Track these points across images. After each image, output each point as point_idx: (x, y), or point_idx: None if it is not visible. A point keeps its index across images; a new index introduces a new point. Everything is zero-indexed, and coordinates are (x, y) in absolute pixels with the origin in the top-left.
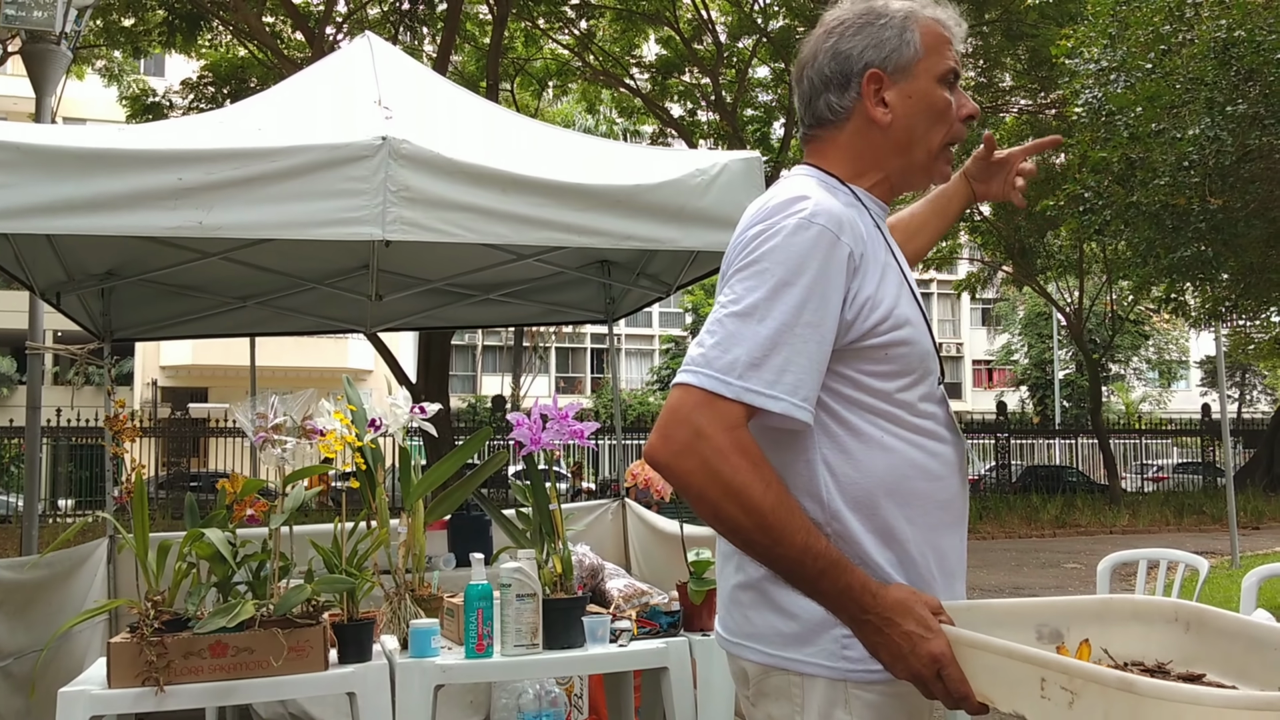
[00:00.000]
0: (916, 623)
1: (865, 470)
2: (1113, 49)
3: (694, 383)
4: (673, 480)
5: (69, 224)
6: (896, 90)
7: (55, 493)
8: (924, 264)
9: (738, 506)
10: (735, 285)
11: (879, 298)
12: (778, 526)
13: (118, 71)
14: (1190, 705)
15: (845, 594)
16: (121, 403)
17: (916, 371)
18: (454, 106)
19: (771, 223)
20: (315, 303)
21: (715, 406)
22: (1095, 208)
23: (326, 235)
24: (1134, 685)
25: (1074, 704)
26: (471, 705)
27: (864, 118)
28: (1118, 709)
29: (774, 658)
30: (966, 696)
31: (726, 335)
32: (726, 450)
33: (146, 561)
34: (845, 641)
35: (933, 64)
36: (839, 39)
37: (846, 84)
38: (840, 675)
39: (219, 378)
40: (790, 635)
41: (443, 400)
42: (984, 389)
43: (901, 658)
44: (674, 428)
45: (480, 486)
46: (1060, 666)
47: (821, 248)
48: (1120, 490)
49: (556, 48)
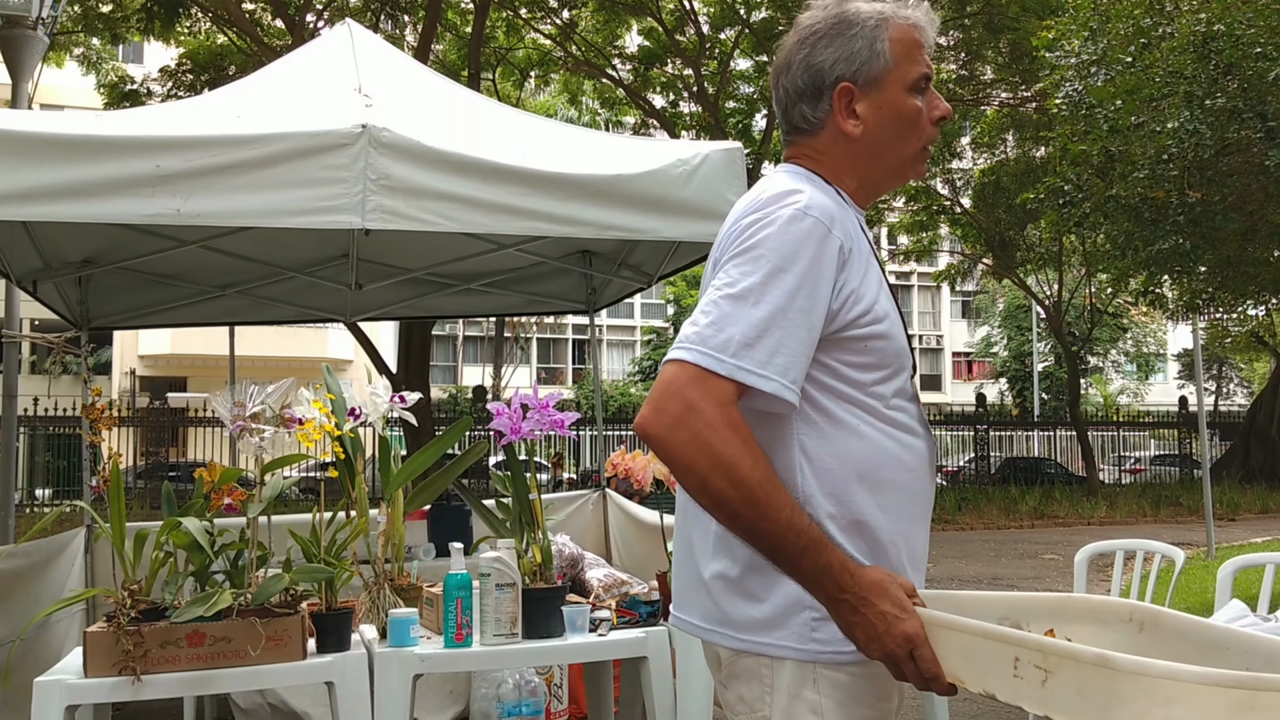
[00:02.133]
0: (892, 603)
1: (841, 456)
2: (1093, 42)
3: (688, 359)
4: (663, 452)
5: (45, 211)
6: (867, 101)
7: (32, 482)
8: (904, 255)
9: (726, 479)
10: (730, 270)
11: (862, 291)
12: (764, 501)
13: (96, 59)
14: (1165, 680)
15: (825, 572)
16: (98, 391)
17: (892, 366)
18: (435, 95)
19: (767, 212)
20: (295, 292)
21: (708, 382)
22: (1075, 200)
23: (306, 223)
24: (1110, 661)
25: (1047, 682)
26: (451, 695)
27: (836, 129)
28: (1093, 685)
29: (745, 642)
30: (937, 677)
31: (721, 315)
32: (718, 424)
33: (123, 550)
34: (814, 624)
35: (903, 73)
36: (811, 50)
37: (819, 96)
38: (809, 657)
39: (198, 367)
40: (760, 620)
41: (423, 390)
42: (963, 381)
43: (876, 637)
44: (667, 400)
45: (460, 476)
46: (1036, 645)
47: (815, 238)
48: (1098, 482)
49: (538, 38)
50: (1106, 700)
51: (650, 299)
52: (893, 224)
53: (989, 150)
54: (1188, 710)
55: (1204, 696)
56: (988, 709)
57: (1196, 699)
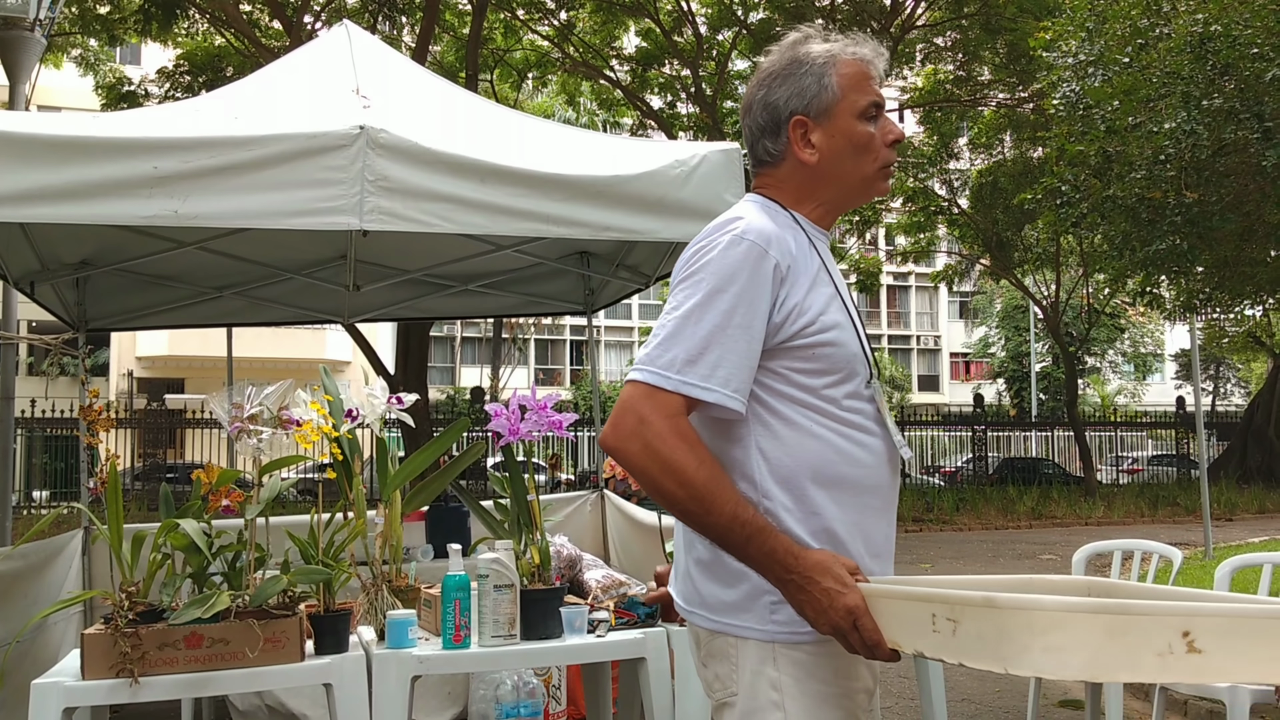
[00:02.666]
0: (834, 580)
1: (794, 455)
2: (1090, 42)
3: (640, 378)
4: (621, 460)
5: (43, 212)
6: (821, 131)
7: (29, 484)
8: (902, 256)
9: (674, 481)
10: (677, 294)
11: (806, 305)
12: (708, 498)
13: (93, 60)
14: (1039, 612)
15: (771, 557)
16: (96, 392)
17: (843, 371)
18: (433, 96)
19: (709, 240)
20: (292, 293)
21: (656, 397)
22: (1072, 201)
23: (303, 225)
24: (994, 600)
25: (957, 630)
26: (449, 697)
27: (795, 159)
28: (988, 626)
29: (716, 623)
30: (878, 644)
31: (667, 336)
32: (665, 434)
33: (121, 552)
34: (773, 607)
35: (852, 102)
36: (768, 90)
37: (778, 131)
38: (768, 637)
39: (195, 369)
40: (730, 604)
41: (421, 392)
42: (961, 381)
43: (822, 612)
44: (621, 416)
45: (458, 478)
46: (941, 599)
47: (751, 259)
48: (1096, 482)
49: (536, 39)
50: (998, 638)
51: (648, 300)
52: (890, 224)
53: (986, 151)
54: (1065, 637)
55: (1079, 624)
56: (986, 708)
57: (1069, 627)
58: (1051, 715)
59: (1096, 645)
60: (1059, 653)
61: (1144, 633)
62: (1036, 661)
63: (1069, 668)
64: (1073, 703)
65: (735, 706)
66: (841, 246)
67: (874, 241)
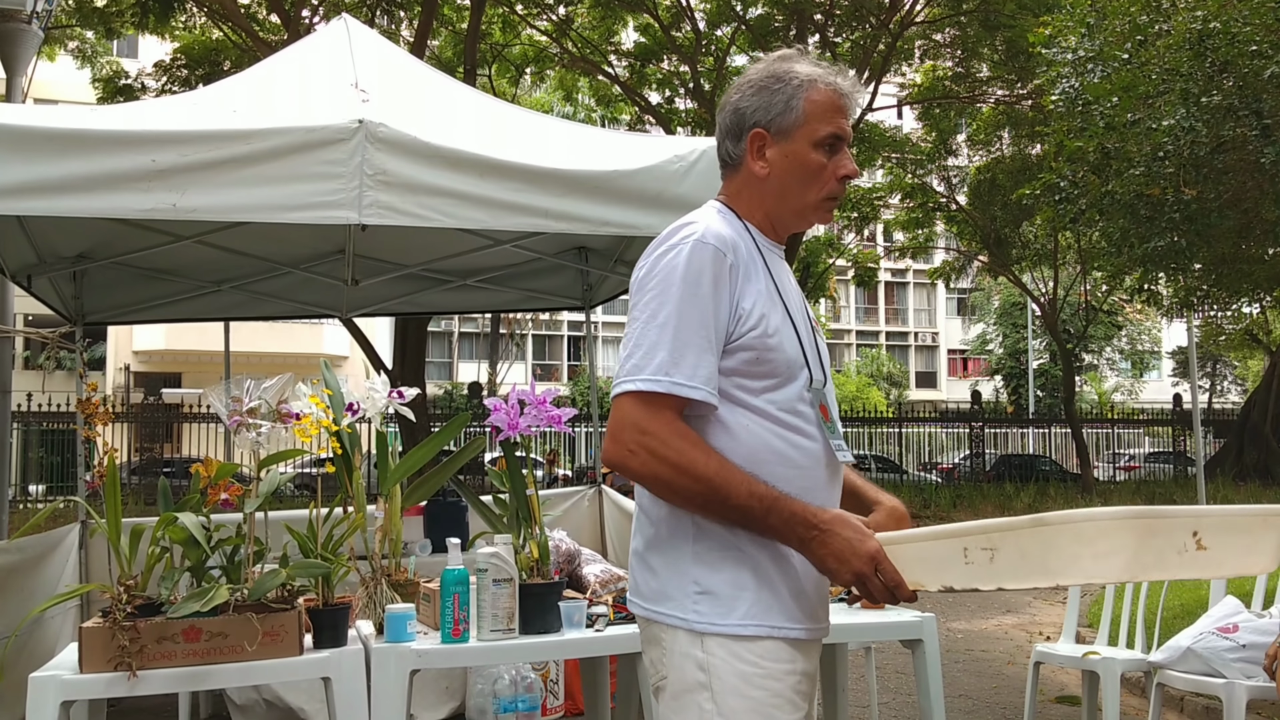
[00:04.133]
0: (853, 530)
1: (731, 452)
2: (1090, 38)
3: (631, 389)
4: (630, 474)
5: (40, 205)
6: (776, 149)
7: (26, 478)
8: (900, 252)
9: (689, 478)
10: (647, 303)
11: (749, 309)
12: (724, 486)
13: (90, 53)
14: (1087, 523)
15: (793, 519)
16: (94, 386)
17: (782, 375)
18: (431, 90)
19: (670, 245)
20: (290, 287)
21: (650, 405)
22: (1071, 197)
23: (302, 219)
24: (1043, 519)
25: (994, 558)
26: (447, 691)
27: (748, 168)
28: (1032, 545)
29: (648, 610)
30: (900, 584)
31: (650, 345)
32: (667, 438)
33: (119, 545)
34: (697, 598)
35: (813, 130)
36: (741, 96)
37: (739, 137)
38: (689, 626)
39: (193, 363)
40: (657, 591)
41: (419, 387)
42: (959, 378)
43: (844, 560)
44: (620, 431)
45: (457, 473)
46: (979, 529)
47: (714, 263)
48: (1093, 479)
49: (534, 34)
50: (1044, 553)
51: None
52: (889, 221)
53: (985, 147)
54: (1108, 544)
55: (1119, 531)
56: (983, 704)
57: (1114, 534)
58: (1048, 711)
59: (1135, 547)
60: (1106, 557)
61: (1169, 533)
62: (1086, 568)
63: (1113, 570)
64: (1069, 698)
65: (665, 689)
66: (840, 243)
67: (872, 237)
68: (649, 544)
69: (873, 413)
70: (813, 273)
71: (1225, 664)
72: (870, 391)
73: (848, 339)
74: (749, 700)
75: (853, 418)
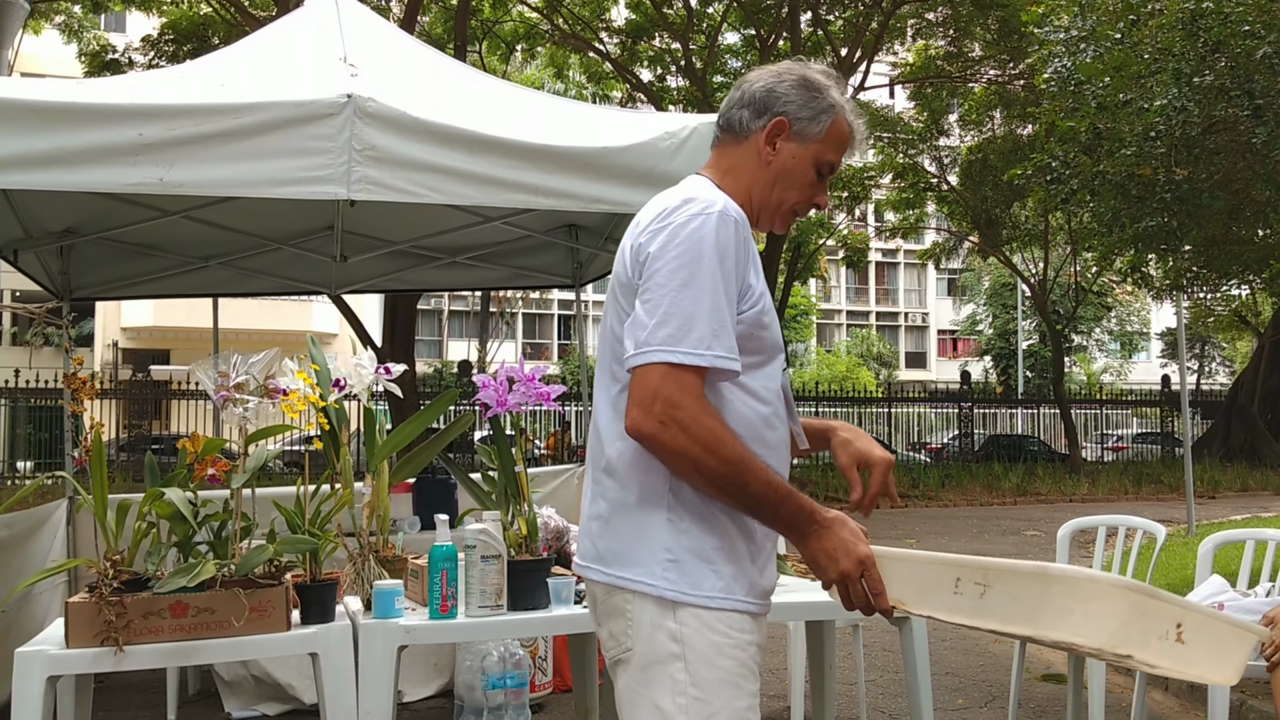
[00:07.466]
0: (851, 532)
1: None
2: (1082, 17)
3: (667, 360)
4: (656, 446)
5: (26, 179)
6: (790, 145)
7: (13, 455)
8: (891, 233)
9: (717, 459)
10: (679, 270)
11: (754, 285)
12: (747, 469)
13: (77, 27)
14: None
15: (800, 513)
16: (80, 360)
17: (767, 354)
18: (421, 65)
19: (693, 215)
20: (279, 263)
21: (681, 379)
22: (1062, 177)
23: (290, 194)
24: (1046, 570)
25: (985, 594)
26: (435, 668)
27: (755, 147)
28: (1028, 591)
29: (611, 577)
30: (881, 594)
31: (686, 315)
32: (699, 414)
33: (106, 521)
34: (667, 565)
35: (822, 150)
36: (779, 82)
37: (762, 113)
38: (658, 593)
39: (181, 340)
40: (625, 557)
41: (408, 364)
42: (948, 358)
43: (835, 558)
44: (651, 403)
45: (445, 450)
46: (979, 564)
47: (737, 237)
48: (1081, 459)
49: (525, 10)
50: (1037, 603)
51: None
52: (879, 201)
53: (976, 128)
54: (1101, 607)
55: (1115, 597)
56: (969, 682)
57: (1109, 599)
58: (1034, 689)
59: (1124, 618)
60: (1096, 619)
61: (1158, 616)
62: (1075, 624)
63: (1099, 635)
64: (1055, 677)
65: (630, 662)
66: (831, 223)
67: (863, 218)
68: (616, 507)
69: (862, 393)
70: (803, 253)
71: None
72: (860, 371)
73: (838, 319)
74: (719, 670)
75: (842, 397)
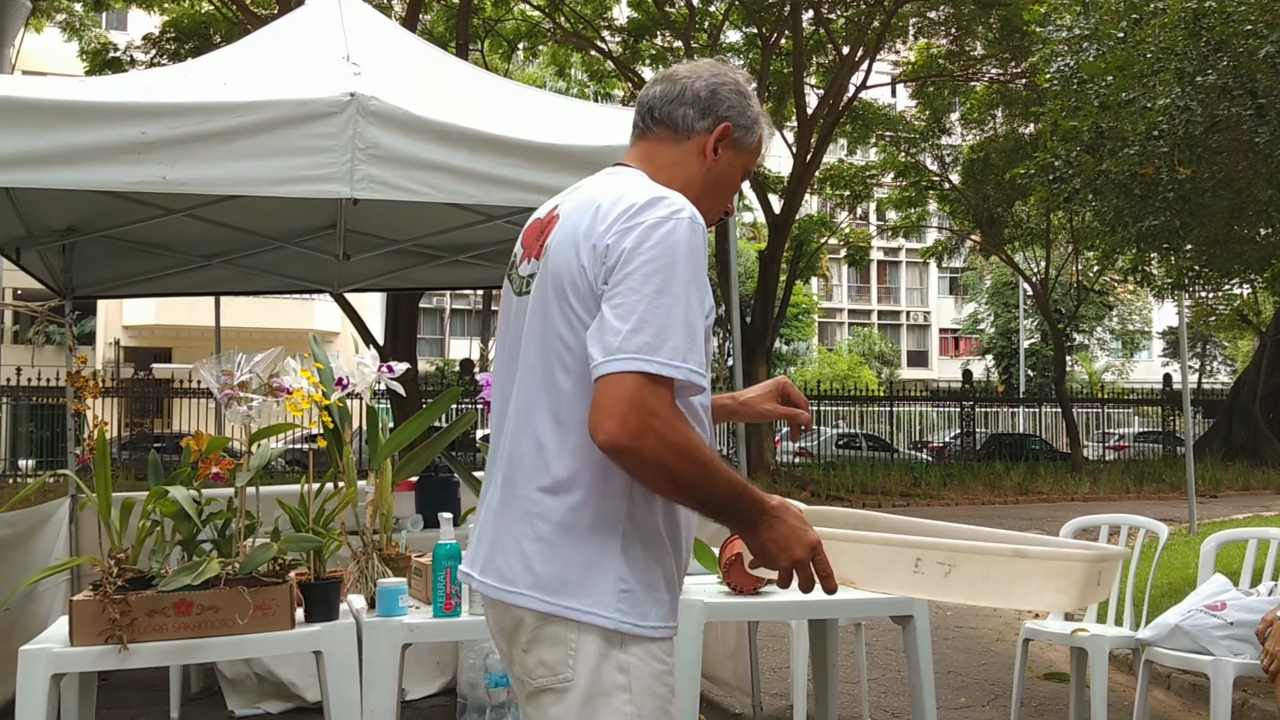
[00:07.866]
0: (797, 518)
1: None
2: (1085, 16)
3: (640, 369)
4: (632, 459)
5: (28, 177)
6: (728, 153)
7: (15, 453)
8: (892, 232)
9: (693, 465)
10: (652, 275)
11: (708, 300)
12: (715, 473)
13: (78, 25)
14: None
15: (753, 507)
16: (83, 359)
17: (707, 362)
18: (423, 64)
19: (662, 218)
20: (281, 262)
21: (655, 389)
22: (1065, 176)
23: (293, 192)
24: (1025, 551)
25: (950, 574)
26: (438, 666)
27: (699, 148)
28: (1000, 570)
29: (553, 605)
30: (829, 575)
31: (660, 324)
32: (673, 422)
33: (109, 518)
34: (621, 595)
35: (749, 161)
36: (721, 86)
37: (706, 115)
38: (614, 625)
39: (183, 338)
40: (576, 585)
41: (410, 363)
42: (950, 357)
43: (786, 547)
44: (627, 414)
45: (448, 448)
46: (948, 546)
47: (702, 244)
48: (1082, 458)
49: (527, 9)
50: (1010, 580)
51: None
52: (881, 199)
53: (978, 126)
54: (1067, 580)
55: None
56: (971, 680)
57: (1077, 573)
58: (1036, 688)
59: (1084, 585)
60: (1065, 591)
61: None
62: (1048, 598)
63: (1063, 603)
64: (1058, 675)
65: (570, 693)
66: (833, 222)
67: (864, 216)
68: (563, 530)
69: (864, 391)
70: (805, 251)
71: (1213, 641)
72: (862, 370)
73: (840, 318)
74: (658, 698)
75: (844, 396)
